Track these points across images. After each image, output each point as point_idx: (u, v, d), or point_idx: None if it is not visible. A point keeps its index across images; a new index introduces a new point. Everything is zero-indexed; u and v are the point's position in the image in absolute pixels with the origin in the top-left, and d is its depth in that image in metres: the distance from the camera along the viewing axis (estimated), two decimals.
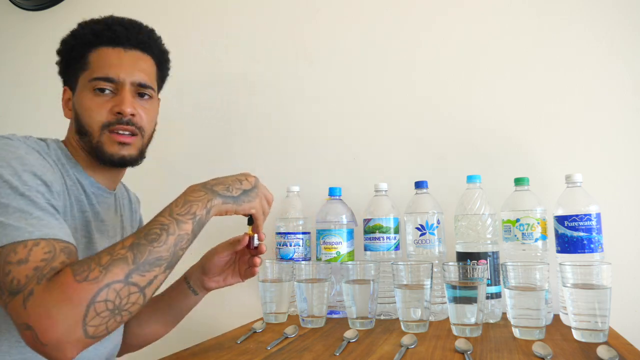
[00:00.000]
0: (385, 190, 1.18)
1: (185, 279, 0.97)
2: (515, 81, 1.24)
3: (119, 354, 0.97)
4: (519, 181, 1.05)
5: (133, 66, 0.84)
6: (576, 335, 0.83)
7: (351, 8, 1.41)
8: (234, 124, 1.50)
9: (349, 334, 0.89)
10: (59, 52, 0.89)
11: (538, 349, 0.75)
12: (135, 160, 0.87)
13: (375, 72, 1.37)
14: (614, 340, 0.83)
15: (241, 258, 0.94)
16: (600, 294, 0.80)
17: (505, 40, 1.26)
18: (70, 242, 0.67)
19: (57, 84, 0.91)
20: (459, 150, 1.26)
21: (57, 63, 0.90)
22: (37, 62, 1.77)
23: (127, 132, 0.83)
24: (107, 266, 0.61)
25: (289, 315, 1.13)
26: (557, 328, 0.94)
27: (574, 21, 1.21)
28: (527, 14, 1.25)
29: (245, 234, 0.89)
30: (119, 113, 0.81)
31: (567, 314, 0.87)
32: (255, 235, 0.88)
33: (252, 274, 0.93)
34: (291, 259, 1.19)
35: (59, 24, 1.79)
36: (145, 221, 0.98)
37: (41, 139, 0.81)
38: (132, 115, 0.82)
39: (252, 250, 0.90)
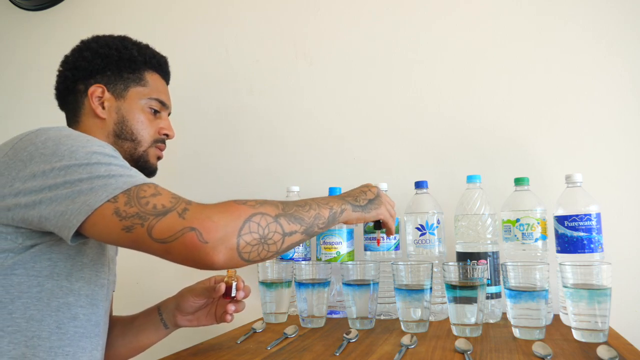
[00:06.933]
0: (385, 190, 1.17)
1: (158, 309, 0.99)
2: (515, 81, 1.24)
3: None
4: (519, 181, 1.05)
5: (170, 99, 1.00)
6: (576, 335, 0.83)
7: (352, 8, 1.41)
8: (234, 124, 1.50)
9: (349, 334, 0.89)
10: (107, 52, 0.90)
11: (538, 349, 0.75)
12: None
13: (375, 72, 1.37)
14: (614, 340, 0.83)
15: (220, 300, 0.96)
16: (600, 294, 0.80)
17: (505, 41, 1.26)
18: None
19: None
20: (459, 150, 1.26)
21: (98, 57, 0.90)
22: (38, 63, 1.77)
23: (163, 149, 0.97)
24: (262, 202, 0.70)
25: (289, 315, 1.13)
26: (557, 328, 0.93)
27: (573, 22, 1.21)
28: (526, 15, 1.25)
29: (224, 282, 0.90)
30: (165, 134, 0.95)
31: (567, 314, 0.87)
32: (234, 284, 0.90)
33: (225, 321, 0.94)
34: (291, 259, 1.19)
35: (59, 24, 1.79)
36: None
37: None
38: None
39: (229, 298, 0.91)
